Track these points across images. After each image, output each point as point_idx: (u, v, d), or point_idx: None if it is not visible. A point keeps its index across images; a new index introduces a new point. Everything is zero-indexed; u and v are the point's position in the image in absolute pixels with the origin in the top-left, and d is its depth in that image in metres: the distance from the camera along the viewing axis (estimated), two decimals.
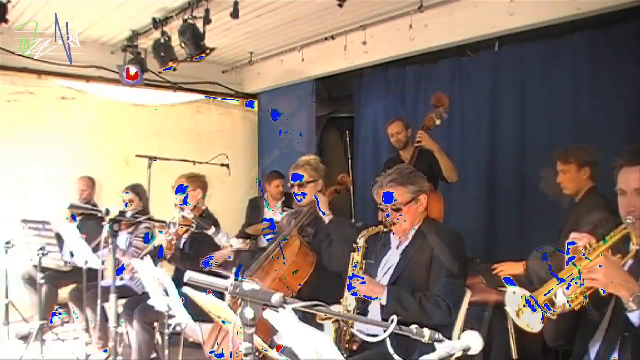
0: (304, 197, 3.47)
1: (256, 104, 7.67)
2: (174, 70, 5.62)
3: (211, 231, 3.45)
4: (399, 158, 4.70)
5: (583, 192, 3.55)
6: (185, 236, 4.11)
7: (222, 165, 5.49)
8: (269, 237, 4.18)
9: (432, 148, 4.47)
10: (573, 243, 1.78)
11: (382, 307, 2.70)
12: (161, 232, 3.72)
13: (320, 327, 2.71)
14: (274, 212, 5.62)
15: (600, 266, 1.68)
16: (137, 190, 4.87)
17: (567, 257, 1.77)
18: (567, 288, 1.74)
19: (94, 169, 6.10)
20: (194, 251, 4.00)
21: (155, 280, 2.97)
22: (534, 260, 3.49)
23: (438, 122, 4.53)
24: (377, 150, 6.36)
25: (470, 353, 1.46)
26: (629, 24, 4.18)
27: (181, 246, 4.12)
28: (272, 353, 2.08)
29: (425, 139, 4.46)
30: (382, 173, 2.93)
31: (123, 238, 4.58)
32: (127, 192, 4.79)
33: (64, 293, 5.24)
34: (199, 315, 2.94)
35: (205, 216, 4.20)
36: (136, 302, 4.11)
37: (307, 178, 3.43)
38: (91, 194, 5.63)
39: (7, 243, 4.71)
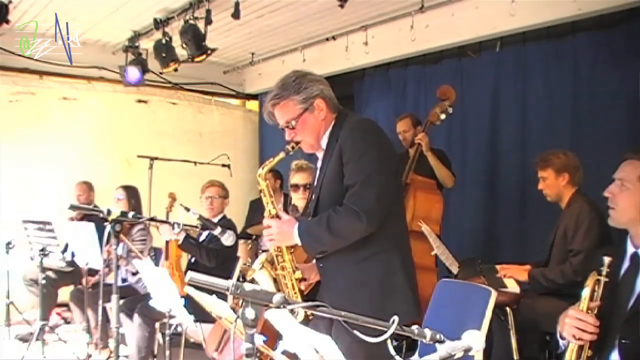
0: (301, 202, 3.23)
1: (257, 104, 7.68)
2: (175, 70, 5.64)
3: (217, 231, 3.44)
4: (407, 153, 4.55)
5: (567, 199, 3.48)
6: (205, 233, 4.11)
7: (223, 165, 5.49)
8: None
9: (426, 153, 4.36)
10: None
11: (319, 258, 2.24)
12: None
13: None
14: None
15: None
16: (129, 191, 4.86)
17: None
18: None
19: (95, 169, 6.11)
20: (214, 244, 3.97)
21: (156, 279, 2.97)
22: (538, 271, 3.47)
23: (443, 117, 4.38)
24: None
25: (471, 353, 1.44)
26: (630, 25, 4.17)
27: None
28: (277, 356, 2.07)
29: (424, 143, 4.35)
30: None
31: (119, 247, 4.59)
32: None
33: (65, 293, 5.25)
34: (200, 315, 2.95)
35: (222, 221, 4.18)
36: (135, 301, 4.10)
37: (310, 181, 3.14)
38: (88, 198, 5.60)
39: (8, 243, 4.72)
